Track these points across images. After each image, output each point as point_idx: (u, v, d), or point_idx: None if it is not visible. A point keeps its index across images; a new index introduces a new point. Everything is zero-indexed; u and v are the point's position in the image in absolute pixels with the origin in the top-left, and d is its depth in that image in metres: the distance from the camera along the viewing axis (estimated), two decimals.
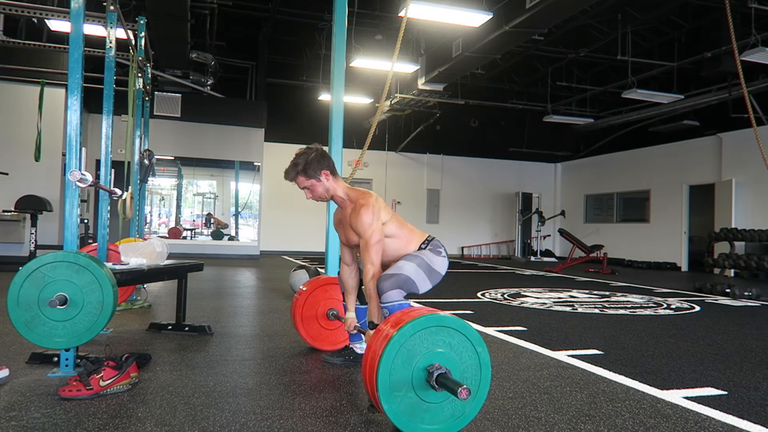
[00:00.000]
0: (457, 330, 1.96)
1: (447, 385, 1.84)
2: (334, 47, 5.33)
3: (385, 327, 1.98)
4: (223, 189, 14.82)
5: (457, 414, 1.93)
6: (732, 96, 10.32)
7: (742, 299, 6.43)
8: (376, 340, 1.95)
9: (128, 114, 5.20)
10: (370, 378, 1.90)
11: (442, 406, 1.92)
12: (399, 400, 1.86)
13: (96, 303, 2.38)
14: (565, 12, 7.67)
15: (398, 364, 1.87)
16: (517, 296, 6.23)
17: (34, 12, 6.73)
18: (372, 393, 1.90)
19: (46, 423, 1.97)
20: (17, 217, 8.54)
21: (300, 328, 3.20)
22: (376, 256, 2.48)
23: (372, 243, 2.47)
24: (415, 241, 2.63)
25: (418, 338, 1.90)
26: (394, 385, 1.86)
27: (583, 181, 15.26)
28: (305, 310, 3.20)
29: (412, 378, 1.88)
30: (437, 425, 1.91)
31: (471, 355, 1.97)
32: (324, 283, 3.26)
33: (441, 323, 1.94)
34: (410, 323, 1.90)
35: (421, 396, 1.89)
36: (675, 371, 2.97)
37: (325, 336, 3.25)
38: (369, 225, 2.47)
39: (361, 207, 2.51)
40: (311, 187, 2.59)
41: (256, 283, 7.11)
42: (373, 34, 11.08)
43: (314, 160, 2.56)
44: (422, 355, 1.90)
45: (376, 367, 1.85)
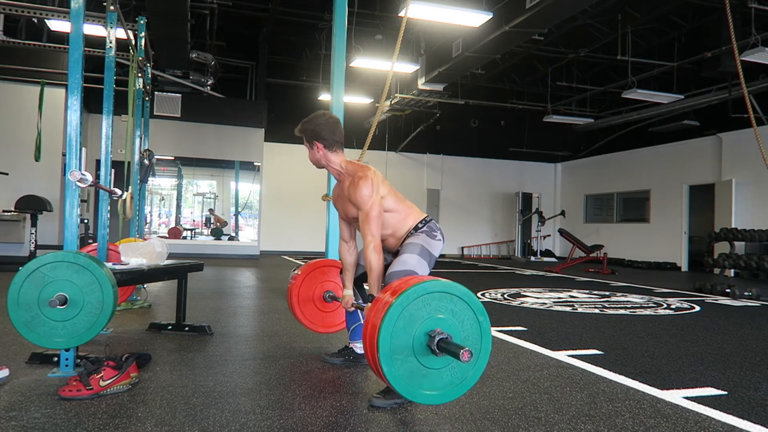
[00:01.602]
0: (460, 297, 1.96)
1: (449, 349, 1.85)
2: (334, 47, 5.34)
3: (385, 294, 1.98)
4: (223, 189, 14.81)
5: (455, 381, 1.94)
6: (732, 96, 10.32)
7: (742, 299, 6.43)
8: (377, 305, 1.95)
9: (128, 114, 5.20)
10: (370, 342, 1.89)
11: (442, 372, 1.92)
12: (399, 364, 1.87)
13: (96, 303, 2.38)
14: (565, 12, 7.67)
15: (400, 327, 1.87)
16: (517, 296, 6.23)
17: (34, 12, 6.73)
18: (372, 357, 1.89)
19: (46, 423, 1.97)
20: (17, 217, 8.54)
21: (296, 310, 3.16)
22: (375, 228, 2.47)
23: (372, 216, 2.47)
24: (413, 218, 2.62)
25: (420, 303, 1.90)
26: (395, 349, 1.86)
27: (583, 181, 15.26)
28: (302, 292, 3.17)
29: (413, 343, 1.89)
30: (436, 391, 1.91)
31: (472, 323, 1.97)
32: (321, 266, 3.23)
33: (444, 289, 1.94)
34: (414, 287, 1.90)
35: (422, 361, 1.90)
36: (675, 371, 2.97)
37: (322, 318, 3.23)
38: (368, 197, 2.47)
39: (359, 180, 2.51)
40: (308, 150, 2.66)
41: (256, 283, 7.11)
42: (373, 34, 11.08)
43: (312, 130, 2.60)
44: (424, 320, 1.90)
45: (376, 334, 1.85)
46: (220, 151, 12.24)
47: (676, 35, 10.64)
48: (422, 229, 2.60)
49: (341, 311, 3.24)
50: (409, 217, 2.62)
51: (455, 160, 15.22)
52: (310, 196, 12.29)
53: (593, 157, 15.00)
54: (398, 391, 1.88)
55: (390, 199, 2.56)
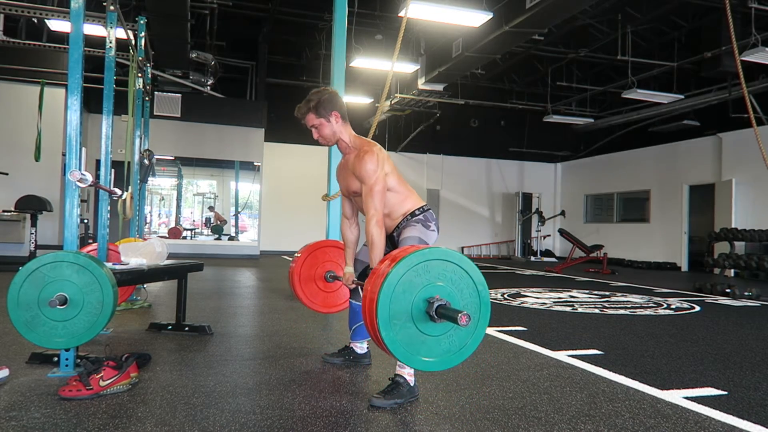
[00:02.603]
0: (460, 266, 1.96)
1: (447, 314, 1.85)
2: (334, 47, 5.34)
3: (385, 261, 1.98)
4: (223, 189, 14.81)
5: (453, 349, 1.95)
6: (732, 96, 10.32)
7: (742, 299, 6.43)
8: (376, 273, 1.95)
9: (128, 114, 5.20)
10: (369, 308, 1.90)
11: (440, 339, 1.93)
12: (398, 329, 1.87)
13: (96, 303, 2.38)
14: (565, 12, 7.68)
15: (399, 293, 1.87)
16: (517, 296, 6.23)
17: (34, 12, 6.73)
18: (371, 323, 1.89)
19: (46, 423, 1.97)
20: (17, 217, 8.54)
21: (298, 289, 3.16)
22: (379, 202, 2.46)
23: (375, 190, 2.46)
24: (411, 202, 2.61)
25: (420, 270, 1.90)
26: (394, 314, 1.86)
27: (583, 181, 15.26)
28: (303, 271, 3.17)
29: (412, 309, 1.89)
30: (434, 358, 1.92)
31: (472, 292, 1.97)
32: (323, 246, 3.24)
33: (444, 257, 1.94)
34: (414, 254, 1.91)
35: (420, 328, 1.90)
36: (675, 371, 2.97)
37: (323, 298, 3.23)
38: (373, 172, 2.46)
39: (365, 154, 2.50)
40: (319, 126, 2.58)
41: (256, 283, 7.11)
42: (373, 34, 11.08)
43: (327, 99, 2.56)
44: (423, 287, 1.90)
45: (376, 296, 1.85)
46: (220, 151, 12.24)
47: (676, 35, 10.64)
48: (418, 216, 2.58)
49: (343, 291, 3.25)
50: (408, 200, 2.61)
51: (455, 160, 15.22)
52: (310, 196, 12.28)
53: (593, 157, 15.00)
54: (396, 357, 1.88)
55: (393, 178, 2.55)
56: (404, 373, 2.35)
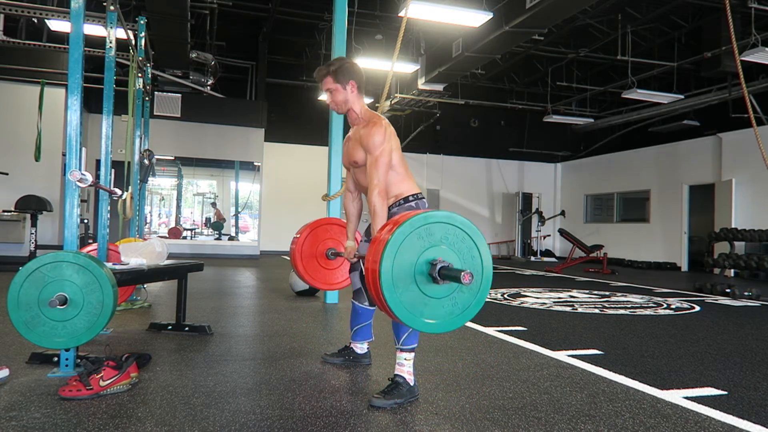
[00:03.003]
0: (461, 229, 1.97)
1: (450, 275, 1.86)
2: (334, 47, 5.34)
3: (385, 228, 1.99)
4: (223, 189, 14.82)
5: (456, 311, 1.96)
6: (732, 96, 10.33)
7: (742, 299, 6.43)
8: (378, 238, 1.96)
9: (128, 114, 5.20)
10: (372, 271, 1.90)
11: (443, 302, 1.94)
12: (401, 291, 1.88)
13: (96, 303, 2.38)
14: (565, 12, 7.68)
15: (402, 255, 1.88)
16: (517, 296, 6.23)
17: (34, 12, 6.73)
18: (374, 286, 1.89)
19: (46, 423, 1.97)
20: (17, 217, 8.54)
21: (299, 265, 3.16)
22: (383, 174, 2.48)
23: (380, 162, 2.47)
24: (407, 186, 2.60)
25: (422, 232, 1.91)
26: (397, 277, 1.87)
27: (583, 181, 15.26)
28: (305, 248, 3.17)
29: (415, 271, 1.90)
30: (437, 320, 1.93)
31: (474, 254, 1.99)
32: (325, 223, 3.24)
33: (446, 220, 1.95)
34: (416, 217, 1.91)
35: (423, 290, 1.91)
36: (675, 371, 2.97)
37: (323, 275, 3.23)
38: (380, 143, 2.48)
39: (374, 125, 2.52)
40: (334, 91, 2.60)
41: (256, 283, 7.11)
42: (373, 34, 11.09)
43: (348, 67, 2.59)
44: (425, 249, 1.91)
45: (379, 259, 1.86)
46: (220, 151, 12.24)
47: (676, 35, 10.64)
48: (411, 203, 2.58)
49: (343, 269, 3.26)
50: (405, 183, 2.60)
51: (455, 160, 15.22)
52: (310, 196, 12.27)
53: (593, 157, 15.00)
54: (400, 319, 1.88)
55: (396, 155, 2.56)
56: (404, 372, 2.35)
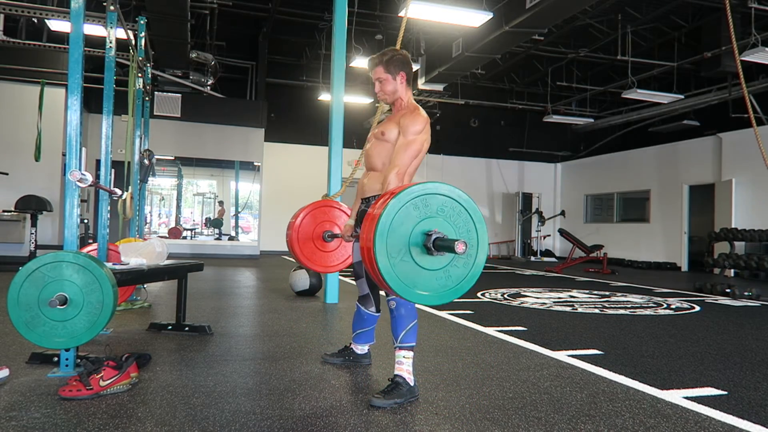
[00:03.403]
0: (457, 201, 1.97)
1: (444, 245, 1.87)
2: (334, 47, 5.34)
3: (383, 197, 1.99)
4: (223, 189, 14.81)
5: (450, 284, 1.97)
6: (732, 96, 10.33)
7: (742, 299, 6.43)
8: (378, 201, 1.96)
9: (128, 114, 5.20)
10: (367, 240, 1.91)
11: (437, 273, 1.95)
12: (395, 262, 1.88)
13: (96, 303, 2.38)
14: (565, 12, 7.68)
15: (397, 225, 1.89)
16: (517, 296, 6.23)
17: (34, 12, 6.73)
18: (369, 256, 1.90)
19: (46, 423, 1.97)
20: (17, 217, 8.54)
21: (295, 246, 3.15)
22: (408, 158, 2.48)
23: (411, 147, 2.48)
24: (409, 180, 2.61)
25: (419, 202, 1.92)
26: (391, 247, 1.88)
27: (583, 181, 15.26)
28: (302, 229, 3.17)
29: (410, 241, 1.91)
30: (431, 292, 1.94)
31: (470, 228, 2.00)
32: (321, 205, 3.24)
33: (442, 192, 1.96)
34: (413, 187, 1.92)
35: (418, 261, 1.92)
36: (675, 371, 2.97)
37: (319, 257, 3.23)
38: (418, 132, 2.50)
39: (419, 115, 2.54)
40: (384, 81, 2.62)
41: (256, 283, 7.11)
42: (373, 34, 11.09)
43: (400, 59, 2.61)
44: (421, 220, 1.92)
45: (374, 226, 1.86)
46: (220, 151, 12.24)
47: (676, 35, 10.64)
48: None
49: (340, 251, 3.26)
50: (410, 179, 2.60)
51: (455, 160, 15.22)
52: (310, 196, 12.25)
53: (593, 157, 15.00)
54: (393, 289, 1.89)
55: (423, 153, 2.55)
56: (404, 372, 2.35)
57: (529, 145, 15.71)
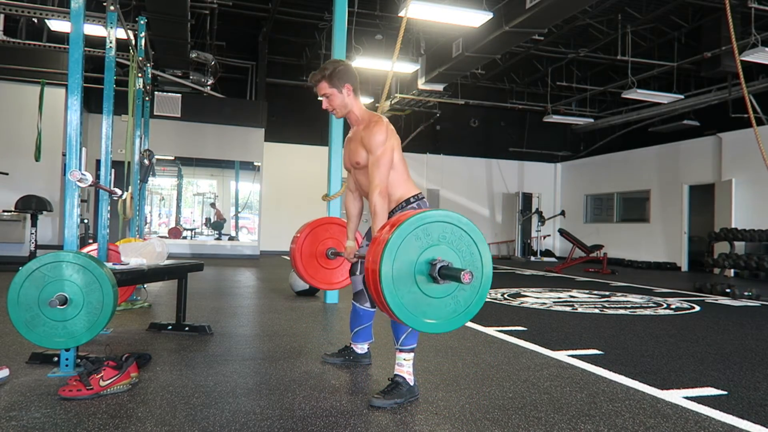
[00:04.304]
0: (458, 226, 1.97)
1: (450, 274, 1.87)
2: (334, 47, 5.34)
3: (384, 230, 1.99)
4: (223, 189, 14.82)
5: (458, 310, 1.96)
6: (732, 96, 10.33)
7: (742, 299, 6.43)
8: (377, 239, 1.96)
9: (128, 114, 5.20)
10: (373, 273, 1.90)
11: (444, 301, 1.94)
12: (402, 293, 1.88)
13: (96, 303, 2.38)
14: (565, 12, 7.68)
15: (401, 257, 1.88)
16: (517, 296, 6.23)
17: (34, 12, 6.73)
18: (375, 289, 1.89)
19: (46, 423, 1.97)
20: (17, 217, 8.54)
21: (299, 265, 3.15)
22: (384, 173, 2.47)
23: (382, 161, 2.47)
24: (408, 186, 2.61)
25: (420, 233, 1.92)
26: (397, 278, 1.87)
27: (583, 181, 15.27)
28: (305, 247, 3.17)
29: (415, 272, 1.90)
30: (439, 320, 1.93)
31: (473, 251, 1.99)
32: (324, 222, 3.24)
33: (442, 219, 1.95)
34: (412, 218, 1.92)
35: (424, 290, 1.91)
36: (675, 371, 2.97)
37: (323, 275, 3.23)
38: (381, 142, 2.48)
39: (375, 125, 2.52)
40: (331, 96, 2.59)
41: (256, 283, 7.11)
42: (373, 34, 11.09)
43: (342, 70, 2.57)
44: (424, 249, 1.92)
45: (379, 261, 1.86)
46: (220, 151, 12.24)
47: (676, 35, 10.65)
48: (413, 204, 2.58)
49: (344, 268, 3.25)
50: (406, 183, 2.61)
51: (455, 160, 15.22)
52: (310, 196, 12.28)
53: (593, 157, 15.00)
54: (401, 320, 1.88)
55: (397, 154, 2.56)
56: (404, 372, 2.35)
57: (529, 145, 15.71)
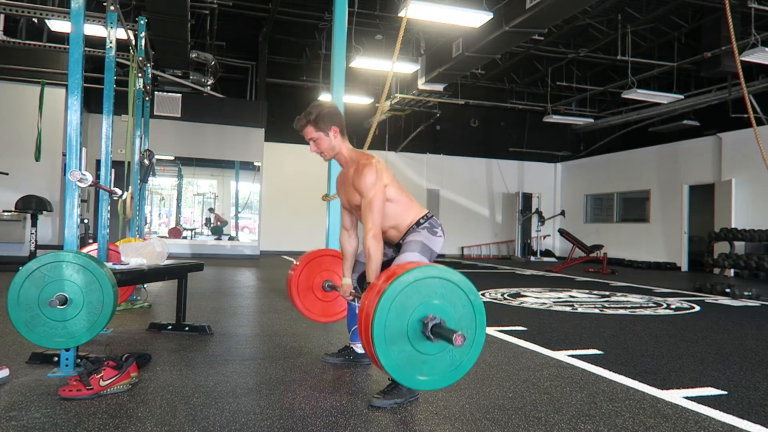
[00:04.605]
0: (450, 281, 1.97)
1: (442, 334, 1.85)
2: (334, 47, 5.34)
3: (378, 281, 1.98)
4: (223, 189, 14.82)
5: (454, 364, 1.95)
6: (732, 96, 10.33)
7: (742, 299, 6.43)
8: (370, 294, 1.95)
9: (128, 114, 5.20)
10: (365, 332, 1.89)
11: (439, 357, 1.93)
12: (396, 352, 1.87)
13: (96, 303, 2.38)
14: (565, 12, 7.68)
15: (393, 317, 1.87)
16: (517, 296, 6.23)
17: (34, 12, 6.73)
18: (368, 347, 1.89)
19: (46, 423, 1.97)
20: (17, 217, 8.54)
21: (296, 299, 3.17)
22: (377, 216, 2.47)
23: (374, 203, 2.47)
24: (414, 212, 2.62)
25: (411, 290, 1.91)
26: (390, 338, 1.86)
27: (583, 181, 15.27)
28: (301, 281, 3.18)
29: (408, 330, 1.89)
30: (435, 376, 1.92)
31: (465, 303, 1.98)
32: (320, 255, 3.25)
33: (434, 275, 1.95)
34: (403, 276, 1.90)
35: (418, 348, 1.90)
36: (675, 371, 2.97)
37: (320, 308, 3.24)
38: (372, 185, 2.48)
39: (363, 167, 2.52)
40: (318, 140, 2.58)
41: (256, 283, 7.11)
42: (373, 34, 11.09)
43: (327, 113, 2.57)
44: (416, 307, 1.90)
45: (371, 321, 1.85)
46: (220, 151, 12.24)
47: (676, 35, 10.65)
48: (424, 225, 2.60)
49: (341, 300, 3.26)
50: (411, 210, 2.62)
51: (455, 160, 15.22)
52: (310, 196, 12.28)
53: (593, 157, 15.00)
54: (395, 378, 1.88)
55: (392, 188, 2.57)
56: None
57: (529, 145, 15.71)
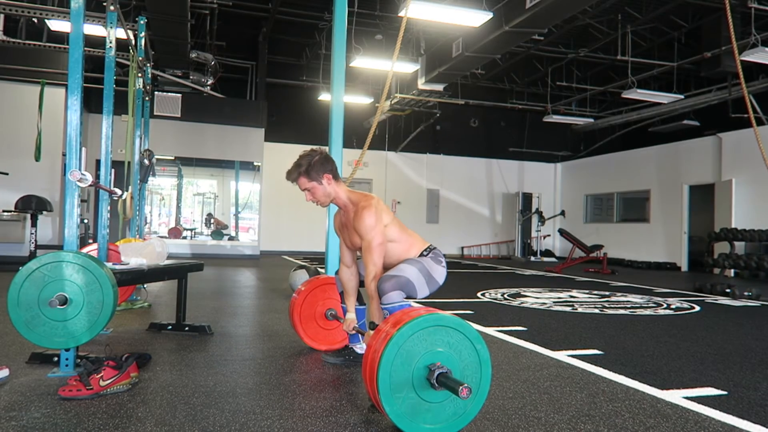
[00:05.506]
0: (456, 329, 1.96)
1: (448, 384, 1.85)
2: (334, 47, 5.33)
3: (385, 327, 1.98)
4: (223, 189, 14.82)
5: (459, 412, 1.94)
6: (732, 96, 10.33)
7: (742, 299, 6.43)
8: (376, 340, 1.95)
9: (128, 114, 5.20)
10: (370, 379, 1.90)
11: (444, 405, 1.92)
12: (400, 400, 1.86)
13: (96, 303, 2.38)
14: (565, 12, 7.68)
15: (398, 364, 1.87)
16: (517, 296, 6.23)
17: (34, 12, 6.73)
18: (373, 394, 1.90)
19: (46, 423, 1.97)
20: (17, 217, 8.54)
21: (298, 328, 3.20)
22: (378, 257, 2.48)
23: (375, 245, 2.47)
24: (417, 247, 2.62)
25: (417, 338, 1.91)
26: (395, 385, 1.86)
27: (583, 181, 15.27)
28: (303, 310, 3.20)
29: (413, 378, 1.89)
30: (439, 424, 1.91)
31: (470, 353, 1.97)
32: (322, 283, 3.26)
33: (440, 323, 1.94)
34: (409, 323, 1.90)
35: (422, 396, 1.89)
36: (675, 371, 2.97)
37: (324, 336, 3.25)
38: (372, 227, 2.47)
39: (363, 209, 2.51)
40: (312, 189, 2.58)
41: (256, 283, 7.11)
42: (373, 34, 11.09)
43: (318, 162, 2.55)
44: (422, 355, 1.90)
45: (376, 368, 1.85)
46: (220, 151, 12.24)
47: (676, 35, 10.65)
48: (427, 255, 2.61)
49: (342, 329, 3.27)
50: (413, 248, 2.62)
51: (455, 160, 15.22)
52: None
53: (593, 157, 15.00)
54: (400, 428, 1.88)
55: (393, 228, 2.56)
56: None
57: (529, 145, 15.71)
